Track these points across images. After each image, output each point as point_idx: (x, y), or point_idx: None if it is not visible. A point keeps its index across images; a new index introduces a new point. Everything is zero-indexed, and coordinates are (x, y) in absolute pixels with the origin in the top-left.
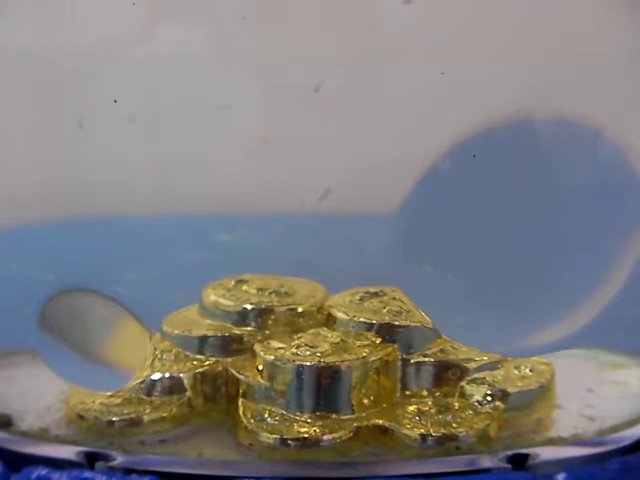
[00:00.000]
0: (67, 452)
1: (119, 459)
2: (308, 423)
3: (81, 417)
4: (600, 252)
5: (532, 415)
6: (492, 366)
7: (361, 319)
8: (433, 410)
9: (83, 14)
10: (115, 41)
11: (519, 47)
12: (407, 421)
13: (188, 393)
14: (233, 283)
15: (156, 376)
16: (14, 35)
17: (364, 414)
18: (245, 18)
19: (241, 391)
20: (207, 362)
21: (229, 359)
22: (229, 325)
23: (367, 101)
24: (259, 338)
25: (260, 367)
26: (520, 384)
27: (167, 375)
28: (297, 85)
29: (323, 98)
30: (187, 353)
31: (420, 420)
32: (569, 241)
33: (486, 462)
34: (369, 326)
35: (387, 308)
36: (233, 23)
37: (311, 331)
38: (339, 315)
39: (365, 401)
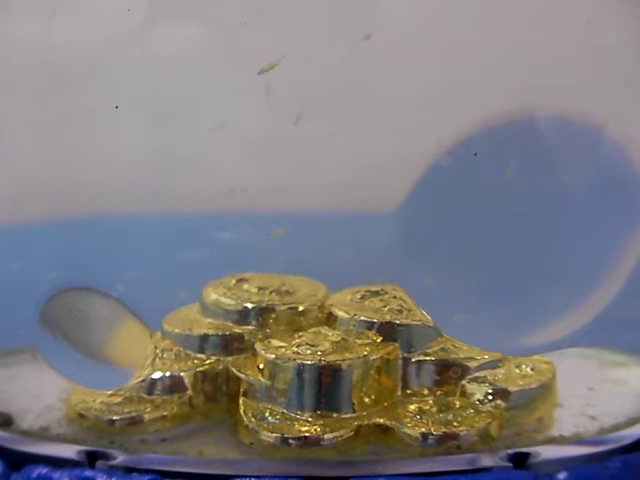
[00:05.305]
0: (68, 451)
1: (120, 458)
2: (309, 422)
3: (82, 416)
4: (601, 250)
5: (533, 414)
6: (493, 365)
7: (362, 318)
8: (434, 409)
9: (83, 13)
10: (115, 40)
11: (519, 45)
12: (408, 420)
13: (189, 392)
14: (234, 282)
15: (157, 375)
16: (14, 34)
17: (365, 413)
18: (246, 19)
19: (242, 390)
20: (208, 361)
21: (230, 358)
22: (230, 324)
23: (367, 100)
24: (260, 337)
25: (261, 366)
26: (521, 383)
27: (168, 374)
28: (297, 84)
29: (323, 97)
30: (188, 352)
31: (421, 419)
32: (570, 240)
33: (487, 461)
34: (370, 325)
35: (388, 307)
36: (234, 22)
37: (312, 330)
38: (340, 314)
39: (366, 400)
